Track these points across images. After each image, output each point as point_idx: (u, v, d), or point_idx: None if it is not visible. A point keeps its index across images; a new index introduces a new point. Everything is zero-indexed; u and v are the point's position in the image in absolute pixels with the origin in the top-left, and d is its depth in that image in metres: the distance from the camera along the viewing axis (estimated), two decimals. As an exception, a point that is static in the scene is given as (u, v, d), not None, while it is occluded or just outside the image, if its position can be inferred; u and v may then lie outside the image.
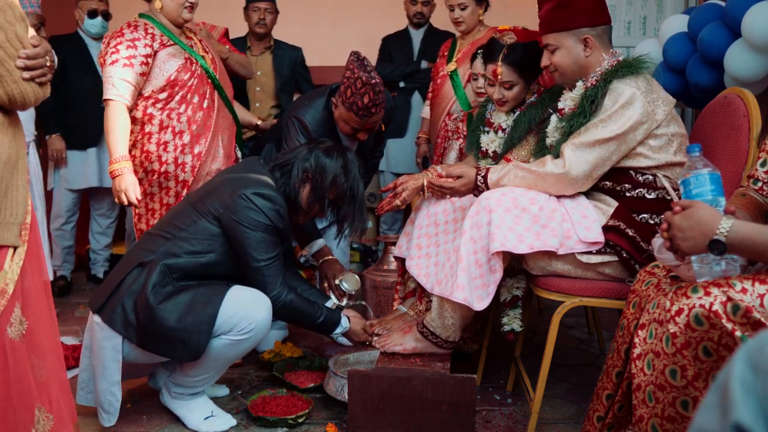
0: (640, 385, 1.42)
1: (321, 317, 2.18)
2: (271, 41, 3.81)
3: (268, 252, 2.07)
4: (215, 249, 2.06)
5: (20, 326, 1.43)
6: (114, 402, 2.02)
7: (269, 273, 2.08)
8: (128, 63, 2.48)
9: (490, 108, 2.47)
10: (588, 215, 1.95)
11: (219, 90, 2.71)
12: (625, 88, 1.89)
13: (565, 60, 2.03)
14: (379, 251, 4.40)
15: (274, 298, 2.07)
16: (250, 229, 2.04)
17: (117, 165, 2.48)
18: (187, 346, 1.96)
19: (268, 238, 2.07)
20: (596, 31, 2.01)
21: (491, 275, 1.97)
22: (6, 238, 1.42)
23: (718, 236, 1.28)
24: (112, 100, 2.49)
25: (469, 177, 2.08)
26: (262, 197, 2.06)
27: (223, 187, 2.10)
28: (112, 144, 2.49)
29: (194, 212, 2.09)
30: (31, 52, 1.41)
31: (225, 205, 2.05)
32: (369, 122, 2.42)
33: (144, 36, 2.52)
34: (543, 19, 2.06)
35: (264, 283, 2.07)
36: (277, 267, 2.10)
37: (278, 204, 2.09)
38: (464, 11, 3.22)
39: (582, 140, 1.91)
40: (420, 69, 3.91)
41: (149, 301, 1.94)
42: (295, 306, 2.13)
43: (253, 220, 2.04)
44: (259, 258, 2.06)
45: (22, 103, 1.43)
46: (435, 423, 1.95)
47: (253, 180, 2.11)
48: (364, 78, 2.32)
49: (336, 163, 2.17)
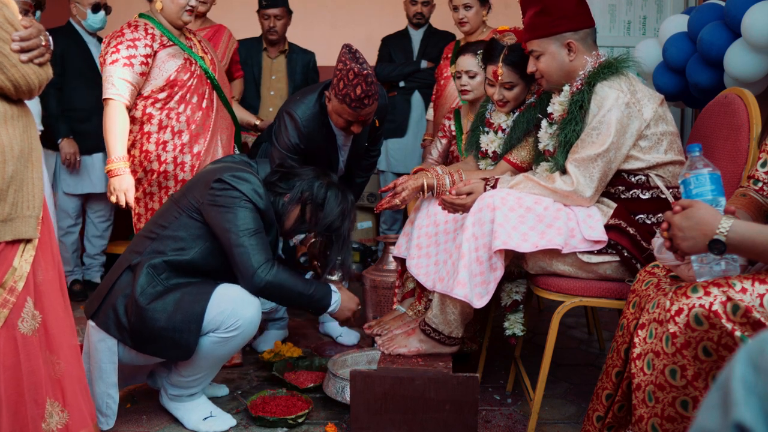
0: (640, 384, 1.42)
1: (312, 289, 2.08)
2: (286, 45, 3.79)
3: (248, 226, 2.00)
4: (199, 243, 2.05)
5: (33, 321, 1.43)
6: (111, 404, 2.03)
7: (251, 244, 1.99)
8: (128, 63, 2.48)
9: (490, 108, 2.47)
10: (593, 214, 1.96)
11: (218, 90, 2.72)
12: (608, 91, 1.90)
13: (550, 65, 2.03)
14: (378, 251, 4.41)
15: (259, 272, 1.98)
16: (228, 209, 2.00)
17: (117, 164, 2.48)
18: (177, 346, 1.96)
19: (247, 214, 2.01)
20: (579, 35, 2.01)
21: (492, 273, 1.97)
22: (24, 231, 1.42)
23: (718, 236, 1.28)
24: (111, 99, 2.49)
25: (479, 192, 2.08)
26: (237, 178, 2.03)
27: (200, 180, 2.11)
28: (112, 143, 2.49)
29: (176, 209, 2.09)
30: (24, 33, 1.39)
31: (202, 194, 2.05)
32: (362, 114, 2.42)
33: (144, 36, 2.52)
34: (526, 25, 2.07)
35: (248, 257, 1.98)
36: (259, 241, 2.01)
37: (254, 184, 2.05)
38: (469, 11, 3.22)
39: (583, 156, 1.92)
40: (420, 69, 3.91)
41: (139, 303, 1.94)
42: (284, 279, 2.02)
43: (229, 199, 2.01)
44: (239, 232, 1.99)
45: (27, 88, 1.42)
46: (438, 423, 1.95)
47: (229, 167, 2.10)
48: (356, 69, 2.32)
49: (338, 205, 2.14)
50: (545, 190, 1.96)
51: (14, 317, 1.39)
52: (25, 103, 1.49)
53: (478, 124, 2.48)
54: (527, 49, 2.09)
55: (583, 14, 2.02)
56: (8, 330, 1.39)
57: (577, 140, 1.95)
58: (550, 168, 2.05)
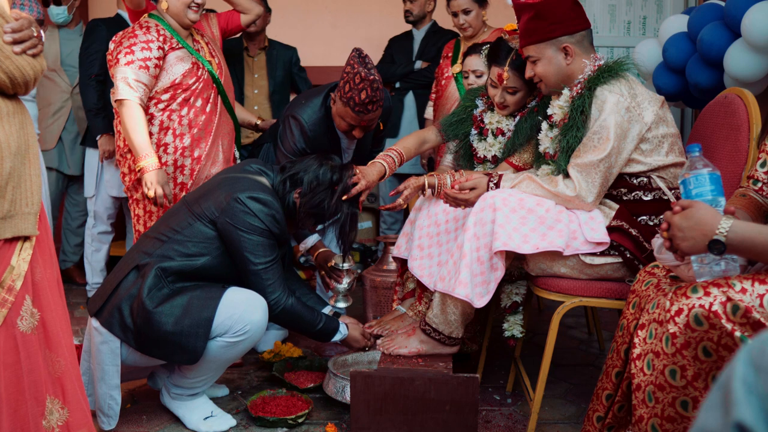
0: (640, 385, 1.42)
1: (320, 324, 2.18)
2: (266, 41, 3.73)
3: (266, 255, 2.07)
4: (210, 252, 2.06)
5: (31, 318, 1.43)
6: (114, 406, 2.02)
7: (267, 276, 2.07)
8: (144, 65, 2.47)
9: (478, 109, 2.42)
10: (595, 216, 1.96)
11: (222, 95, 2.71)
12: (608, 95, 1.90)
13: (547, 70, 2.03)
14: (378, 251, 4.41)
15: (273, 302, 2.07)
16: (246, 233, 2.03)
17: (147, 161, 2.44)
18: (184, 350, 1.96)
19: (265, 241, 2.06)
20: (575, 38, 2.00)
21: (492, 273, 1.97)
22: (24, 228, 1.42)
23: (718, 236, 1.28)
24: (128, 100, 2.46)
25: (482, 187, 2.08)
26: (257, 201, 2.05)
27: (218, 190, 2.10)
28: (137, 141, 2.44)
29: (189, 215, 2.09)
30: (15, 24, 1.38)
31: (220, 209, 2.05)
32: (365, 119, 2.42)
33: (156, 38, 2.52)
34: (521, 31, 2.06)
35: (263, 287, 2.07)
36: (275, 270, 2.09)
37: (274, 209, 2.08)
38: (468, 15, 3.22)
39: (585, 161, 1.92)
40: (414, 70, 3.89)
41: (145, 305, 1.94)
42: (295, 311, 2.12)
43: (248, 224, 2.03)
44: (257, 261, 2.05)
45: (23, 80, 1.41)
46: (438, 423, 1.95)
47: (249, 182, 2.10)
48: (363, 74, 2.32)
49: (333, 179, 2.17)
50: (548, 193, 1.96)
51: (13, 316, 1.39)
52: (20, 100, 1.48)
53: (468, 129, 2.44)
54: (524, 54, 2.08)
55: (577, 17, 2.01)
56: (8, 329, 1.39)
57: (579, 144, 1.95)
58: (552, 171, 2.05)
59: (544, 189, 1.97)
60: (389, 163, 2.34)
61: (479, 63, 2.66)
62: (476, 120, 2.41)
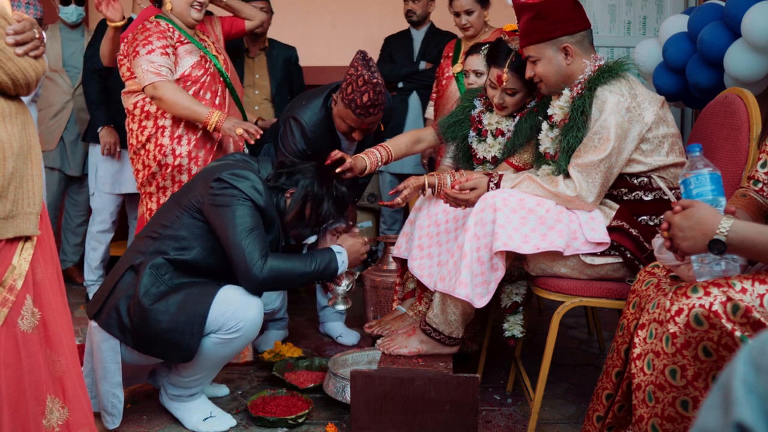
0: (640, 385, 1.42)
1: (313, 262, 2.07)
2: (266, 42, 3.71)
3: (245, 224, 1.98)
4: (201, 243, 2.05)
5: (32, 318, 1.43)
6: (117, 404, 2.02)
7: (246, 243, 1.96)
8: (164, 52, 2.53)
9: (476, 110, 2.41)
10: (595, 216, 1.96)
11: (230, 89, 2.76)
12: (608, 95, 1.90)
13: (547, 70, 2.03)
14: (378, 251, 4.40)
15: (257, 268, 1.96)
16: (226, 207, 1.99)
17: (216, 115, 2.48)
18: (179, 347, 1.96)
19: (245, 211, 1.99)
20: (575, 38, 2.00)
21: (492, 273, 1.97)
22: (25, 228, 1.42)
23: (718, 236, 1.28)
24: (159, 81, 2.49)
25: (482, 187, 2.08)
26: (236, 176, 2.03)
27: (201, 179, 2.11)
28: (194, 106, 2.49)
29: (177, 208, 2.08)
30: (18, 26, 1.38)
31: (202, 193, 2.05)
32: (366, 122, 2.42)
33: (167, 29, 2.59)
34: (521, 31, 2.06)
35: (243, 256, 1.96)
36: (255, 238, 1.99)
37: (254, 181, 2.04)
38: (471, 16, 3.22)
39: (585, 161, 1.92)
40: (418, 70, 3.90)
41: (142, 304, 1.94)
42: (283, 266, 2.01)
43: (227, 198, 2.00)
44: (236, 230, 1.97)
45: (25, 81, 1.42)
46: (438, 423, 1.95)
47: (228, 165, 2.10)
48: (366, 76, 2.32)
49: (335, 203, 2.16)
50: (548, 193, 1.96)
51: (14, 315, 1.39)
52: (22, 101, 1.49)
53: (466, 130, 2.44)
54: (524, 54, 2.08)
55: (578, 17, 2.01)
56: (8, 328, 1.39)
57: (579, 145, 1.95)
58: (552, 171, 2.05)
59: (544, 189, 1.97)
60: (373, 160, 2.35)
61: (480, 62, 2.66)
62: (474, 121, 2.41)
